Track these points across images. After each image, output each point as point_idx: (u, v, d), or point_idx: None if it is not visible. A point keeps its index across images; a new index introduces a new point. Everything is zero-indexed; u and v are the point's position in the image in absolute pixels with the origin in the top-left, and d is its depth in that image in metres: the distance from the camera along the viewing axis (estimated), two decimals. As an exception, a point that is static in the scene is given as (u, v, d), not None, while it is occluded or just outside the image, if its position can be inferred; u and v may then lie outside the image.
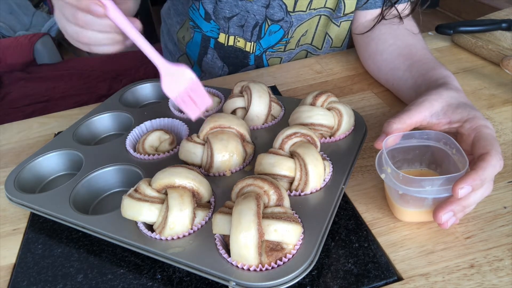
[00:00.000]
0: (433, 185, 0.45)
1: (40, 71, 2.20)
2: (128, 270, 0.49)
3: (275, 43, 0.90)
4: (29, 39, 2.31)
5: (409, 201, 0.48)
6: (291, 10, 0.84)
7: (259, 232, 0.42)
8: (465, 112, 0.51)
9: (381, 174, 0.48)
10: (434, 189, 0.45)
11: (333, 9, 0.86)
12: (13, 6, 3.06)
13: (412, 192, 0.45)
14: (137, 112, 0.73)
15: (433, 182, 0.45)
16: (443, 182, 0.45)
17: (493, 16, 0.95)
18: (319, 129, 0.59)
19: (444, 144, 0.50)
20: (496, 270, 0.44)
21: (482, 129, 0.49)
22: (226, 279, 0.42)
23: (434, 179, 0.45)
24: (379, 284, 0.45)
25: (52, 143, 0.67)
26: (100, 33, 0.50)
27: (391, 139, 0.50)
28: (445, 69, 0.63)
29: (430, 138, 0.51)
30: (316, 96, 0.61)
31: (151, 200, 0.48)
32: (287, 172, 0.51)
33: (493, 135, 0.49)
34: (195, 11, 0.88)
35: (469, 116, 0.51)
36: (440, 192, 0.45)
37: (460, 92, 0.56)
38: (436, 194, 0.45)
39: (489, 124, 0.50)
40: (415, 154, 0.52)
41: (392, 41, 0.76)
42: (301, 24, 0.88)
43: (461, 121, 0.51)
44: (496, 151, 0.46)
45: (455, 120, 0.51)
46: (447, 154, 0.49)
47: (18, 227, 0.58)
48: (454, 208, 0.45)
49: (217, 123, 0.57)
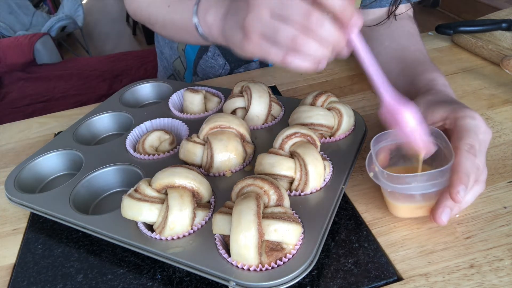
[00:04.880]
0: (418, 181, 0.45)
1: (40, 71, 2.20)
2: (128, 270, 0.49)
3: None
4: (29, 39, 2.31)
5: (399, 197, 0.49)
6: None
7: (259, 232, 0.42)
8: (442, 110, 0.52)
9: (369, 172, 0.49)
10: (420, 185, 0.45)
11: None
12: (13, 6, 3.06)
13: (399, 189, 0.46)
14: (137, 112, 0.73)
15: (417, 179, 0.45)
16: (428, 178, 0.45)
17: (493, 16, 0.95)
18: (319, 129, 0.59)
19: (436, 139, 0.50)
20: (496, 270, 0.44)
21: (460, 121, 0.49)
22: (226, 279, 0.42)
23: (418, 176, 0.45)
24: (379, 284, 0.45)
25: (52, 143, 0.67)
26: (318, 43, 0.41)
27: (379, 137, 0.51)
28: (431, 72, 0.63)
29: None
30: (316, 96, 0.61)
31: (151, 200, 0.48)
32: (287, 172, 0.51)
33: (471, 125, 0.48)
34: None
35: (447, 112, 0.51)
36: (426, 187, 0.45)
37: (440, 93, 0.57)
38: (422, 190, 0.46)
39: (468, 113, 0.49)
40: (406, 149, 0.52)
41: (387, 43, 0.76)
42: None
43: (442, 120, 0.51)
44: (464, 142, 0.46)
45: (437, 120, 0.52)
46: (439, 148, 0.49)
47: (18, 227, 0.58)
48: (451, 206, 0.46)
49: (217, 123, 0.57)
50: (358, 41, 0.43)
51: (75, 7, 3.22)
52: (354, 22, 0.41)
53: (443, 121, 0.51)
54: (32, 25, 3.12)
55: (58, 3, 3.78)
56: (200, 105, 0.70)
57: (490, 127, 0.64)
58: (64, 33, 3.26)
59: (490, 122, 0.66)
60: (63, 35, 3.35)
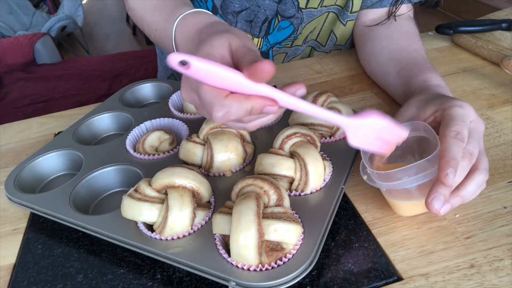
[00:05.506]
0: (408, 174, 0.45)
1: (40, 71, 2.20)
2: (128, 270, 0.49)
3: (283, 39, 0.89)
4: (29, 39, 2.31)
5: (396, 195, 0.49)
6: (303, 7, 0.83)
7: (259, 232, 0.42)
8: (432, 105, 0.52)
9: (363, 176, 0.49)
10: (412, 178, 0.45)
11: (342, 6, 0.86)
12: (13, 6, 3.06)
13: (392, 186, 0.46)
14: (137, 112, 0.73)
15: (406, 172, 0.45)
16: (417, 169, 0.45)
17: (493, 16, 0.95)
18: (319, 129, 0.59)
19: (425, 132, 0.50)
20: (496, 270, 0.44)
21: (448, 111, 0.49)
22: (226, 279, 0.42)
23: (406, 169, 0.45)
24: (379, 284, 0.45)
25: (52, 143, 0.67)
26: (265, 117, 0.43)
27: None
28: (426, 73, 0.64)
29: (410, 129, 0.50)
30: (316, 96, 0.61)
31: (151, 200, 0.48)
32: (287, 172, 0.51)
33: (459, 113, 0.48)
34: (202, 3, 0.87)
35: (436, 106, 0.51)
36: (419, 179, 0.45)
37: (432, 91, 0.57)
38: (415, 182, 0.45)
39: (457, 103, 0.49)
40: (403, 148, 0.52)
41: (385, 43, 0.76)
42: (311, 21, 0.87)
43: (432, 113, 0.51)
44: (450, 129, 0.45)
45: (428, 115, 0.52)
46: (430, 141, 0.49)
47: (18, 227, 0.58)
48: (443, 192, 0.44)
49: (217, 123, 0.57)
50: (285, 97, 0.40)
51: (75, 7, 3.22)
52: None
53: (434, 115, 0.51)
54: (32, 25, 3.12)
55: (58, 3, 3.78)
56: (200, 105, 0.70)
57: (490, 127, 0.64)
58: (64, 33, 3.27)
59: (490, 122, 0.66)
60: (63, 35, 3.35)
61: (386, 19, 0.79)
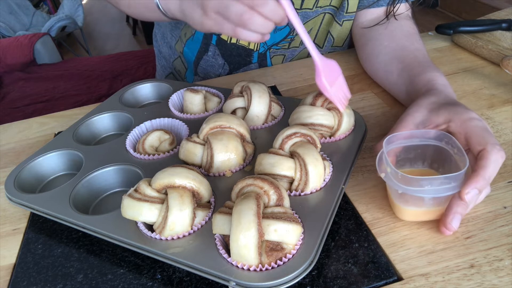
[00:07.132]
0: (432, 184, 0.45)
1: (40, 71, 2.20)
2: (128, 270, 0.49)
3: (280, 40, 0.90)
4: (29, 39, 2.31)
5: (409, 200, 0.48)
6: (297, 8, 0.84)
7: (259, 232, 0.42)
8: (446, 112, 0.52)
9: (380, 173, 0.48)
10: (433, 189, 0.45)
11: (337, 7, 0.86)
12: (13, 6, 3.06)
13: (411, 191, 0.46)
14: (137, 112, 0.73)
15: (431, 182, 0.45)
16: (442, 182, 0.45)
17: (493, 16, 0.95)
18: (319, 129, 0.59)
19: (446, 144, 0.50)
20: (496, 270, 0.44)
21: (468, 124, 0.49)
22: (226, 279, 0.42)
23: (433, 179, 0.45)
24: (379, 284, 0.45)
25: (52, 143, 0.67)
26: (263, 19, 0.50)
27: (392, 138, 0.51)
28: (430, 71, 0.63)
29: (432, 137, 0.51)
30: (316, 96, 0.61)
31: (151, 200, 0.48)
32: (287, 172, 0.51)
33: (482, 126, 0.49)
34: None
35: (451, 114, 0.51)
36: (439, 191, 0.45)
37: (441, 93, 0.57)
38: (435, 193, 0.45)
39: (474, 115, 0.50)
40: (417, 153, 0.52)
41: (387, 43, 0.76)
42: (307, 22, 0.87)
43: (446, 122, 0.51)
44: (492, 144, 0.46)
45: (441, 122, 0.52)
46: (449, 153, 0.49)
47: (18, 227, 0.58)
48: (461, 211, 0.46)
49: (217, 123, 0.57)
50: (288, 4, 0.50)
51: (75, 7, 3.22)
52: None
53: (447, 124, 0.51)
54: (32, 25, 3.12)
55: (58, 3, 3.78)
56: (200, 105, 0.70)
57: (490, 127, 0.64)
58: (64, 33, 3.27)
59: (490, 122, 0.66)
60: (63, 35, 3.36)
61: (385, 18, 0.79)
